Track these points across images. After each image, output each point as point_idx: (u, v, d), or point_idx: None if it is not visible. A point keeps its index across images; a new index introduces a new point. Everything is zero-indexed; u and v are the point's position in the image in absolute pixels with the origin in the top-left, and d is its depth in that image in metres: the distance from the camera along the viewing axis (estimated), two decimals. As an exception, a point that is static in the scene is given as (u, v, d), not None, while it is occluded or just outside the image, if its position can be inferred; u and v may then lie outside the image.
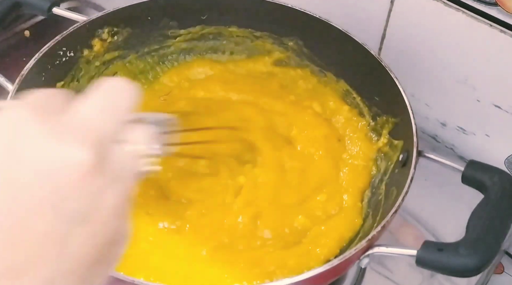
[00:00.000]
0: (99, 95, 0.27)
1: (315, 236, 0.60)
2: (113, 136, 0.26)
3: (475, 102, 0.68)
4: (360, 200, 0.64)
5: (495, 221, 0.51)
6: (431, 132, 0.76)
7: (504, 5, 0.59)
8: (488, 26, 0.61)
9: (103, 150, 0.25)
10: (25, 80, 0.60)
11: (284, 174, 0.65)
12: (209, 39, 0.75)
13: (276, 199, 0.63)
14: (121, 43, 0.71)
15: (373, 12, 0.71)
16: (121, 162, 0.26)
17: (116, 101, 0.27)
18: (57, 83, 0.65)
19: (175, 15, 0.72)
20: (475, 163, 0.56)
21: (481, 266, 0.48)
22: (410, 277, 0.63)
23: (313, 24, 0.68)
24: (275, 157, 0.66)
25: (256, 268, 0.57)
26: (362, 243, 0.50)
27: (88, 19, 0.67)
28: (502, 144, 0.69)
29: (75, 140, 0.24)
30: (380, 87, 0.65)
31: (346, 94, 0.71)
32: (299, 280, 0.47)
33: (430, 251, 0.49)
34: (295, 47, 0.73)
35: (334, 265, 0.49)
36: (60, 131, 0.24)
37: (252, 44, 0.75)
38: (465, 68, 0.67)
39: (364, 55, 0.65)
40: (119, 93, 0.28)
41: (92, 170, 0.24)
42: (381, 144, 0.66)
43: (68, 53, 0.66)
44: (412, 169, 0.55)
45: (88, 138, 0.25)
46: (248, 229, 0.60)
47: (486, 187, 0.54)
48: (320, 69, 0.72)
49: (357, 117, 0.69)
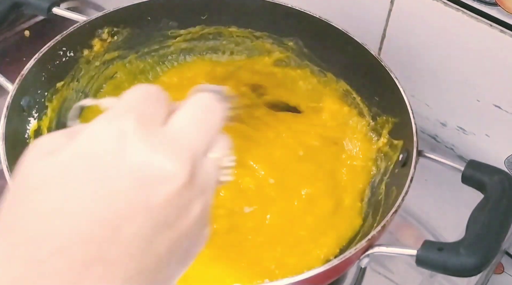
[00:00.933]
0: (194, 109, 0.29)
1: (315, 236, 0.60)
2: (206, 150, 0.28)
3: (475, 102, 0.68)
4: (360, 200, 0.64)
5: (495, 221, 0.51)
6: (431, 132, 0.76)
7: (504, 5, 0.59)
8: (488, 26, 0.61)
9: (196, 164, 0.27)
10: (25, 80, 0.60)
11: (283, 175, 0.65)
12: (209, 39, 0.75)
13: (279, 199, 0.63)
14: (121, 43, 0.71)
15: (373, 12, 0.71)
16: (208, 173, 0.28)
17: (210, 118, 0.29)
18: (57, 83, 0.65)
19: (175, 15, 0.72)
20: (475, 162, 0.56)
21: (481, 266, 0.48)
22: (410, 277, 0.63)
23: (313, 24, 0.68)
24: (274, 159, 0.66)
25: (256, 267, 0.57)
26: (362, 242, 0.50)
27: (88, 19, 0.67)
28: (502, 144, 0.69)
29: (173, 154, 0.26)
30: (380, 87, 0.65)
31: (346, 94, 0.71)
32: (299, 280, 0.47)
33: (430, 251, 0.49)
34: (295, 47, 0.73)
35: (334, 265, 0.49)
36: (160, 143, 0.26)
37: (252, 44, 0.75)
38: (465, 68, 0.67)
39: (364, 55, 0.65)
40: (212, 109, 0.29)
41: (184, 184, 0.26)
42: (381, 144, 0.66)
43: (68, 53, 0.66)
44: (412, 168, 0.55)
45: (185, 153, 0.26)
46: (251, 226, 0.60)
47: (486, 187, 0.54)
48: (320, 69, 0.72)
49: (357, 118, 0.70)
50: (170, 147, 0.26)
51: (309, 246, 0.59)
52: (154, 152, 0.26)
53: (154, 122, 0.27)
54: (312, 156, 0.67)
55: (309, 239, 0.60)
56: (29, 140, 0.61)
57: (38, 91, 0.63)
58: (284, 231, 0.61)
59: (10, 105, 0.58)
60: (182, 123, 0.28)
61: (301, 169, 0.66)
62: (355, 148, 0.68)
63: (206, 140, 0.28)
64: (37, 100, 0.63)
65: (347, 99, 0.71)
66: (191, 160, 0.26)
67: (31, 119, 0.62)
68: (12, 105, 0.58)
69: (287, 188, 0.65)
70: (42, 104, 0.64)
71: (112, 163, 0.25)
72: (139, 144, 0.26)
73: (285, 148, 0.68)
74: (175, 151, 0.26)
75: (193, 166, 0.26)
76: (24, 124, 0.61)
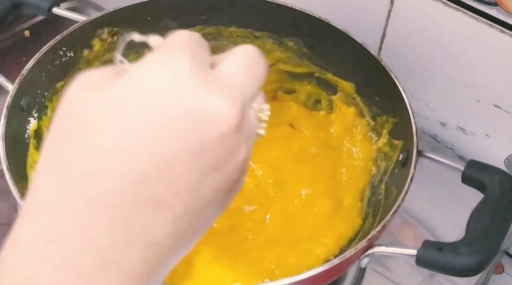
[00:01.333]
0: (242, 58, 0.29)
1: (315, 236, 0.60)
2: (253, 98, 0.28)
3: (475, 102, 0.68)
4: (359, 199, 0.64)
5: (495, 221, 0.50)
6: (431, 132, 0.76)
7: (504, 5, 0.59)
8: (488, 26, 0.61)
9: (245, 109, 0.27)
10: (25, 80, 0.60)
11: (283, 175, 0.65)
12: (209, 39, 0.75)
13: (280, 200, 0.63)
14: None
15: (373, 12, 0.71)
16: (252, 122, 0.28)
17: (256, 68, 0.29)
18: (57, 83, 0.65)
19: (175, 15, 0.72)
20: (475, 162, 0.56)
21: (481, 266, 0.48)
22: (410, 277, 0.63)
23: (313, 24, 0.68)
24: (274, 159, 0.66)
25: (256, 267, 0.57)
26: (362, 242, 0.50)
27: (88, 19, 0.67)
28: (502, 144, 0.69)
29: (225, 96, 0.26)
30: (380, 87, 0.65)
31: (346, 94, 0.71)
32: (299, 280, 0.47)
33: (430, 251, 0.49)
34: (295, 47, 0.73)
35: (334, 265, 0.49)
36: (213, 85, 0.26)
37: (252, 44, 0.75)
38: (465, 68, 0.67)
39: (364, 55, 0.65)
40: (258, 61, 0.30)
41: (235, 127, 0.26)
42: (381, 144, 0.66)
43: (68, 53, 0.66)
44: (412, 168, 0.55)
45: (236, 97, 0.26)
46: (251, 226, 0.60)
47: (486, 187, 0.54)
48: (320, 69, 0.72)
49: (357, 117, 0.70)
50: (223, 90, 0.26)
51: (309, 246, 0.59)
52: (209, 92, 0.25)
53: (206, 64, 0.27)
54: (312, 155, 0.67)
55: (309, 239, 0.60)
56: (29, 140, 0.61)
57: (38, 91, 0.63)
58: (284, 231, 0.61)
59: (10, 105, 0.58)
60: (232, 70, 0.28)
61: (301, 168, 0.66)
62: (355, 148, 0.68)
63: (253, 90, 0.28)
64: (37, 100, 0.63)
65: (347, 99, 0.71)
66: (241, 104, 0.26)
67: (31, 119, 0.62)
68: (12, 105, 0.58)
69: (287, 188, 0.65)
70: (42, 104, 0.63)
71: (168, 101, 0.25)
72: (195, 83, 0.25)
73: (284, 148, 0.68)
74: (229, 93, 0.26)
75: (242, 110, 0.26)
76: (24, 124, 0.61)
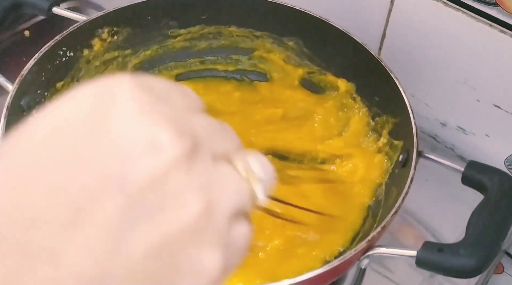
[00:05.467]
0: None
1: (314, 237, 0.60)
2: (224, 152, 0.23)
3: (475, 102, 0.68)
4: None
5: (495, 222, 0.50)
6: (431, 132, 0.76)
7: (504, 5, 0.59)
8: (488, 26, 0.61)
9: (204, 151, 0.21)
10: (25, 80, 0.60)
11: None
12: (209, 38, 0.75)
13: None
14: (121, 43, 0.71)
15: (373, 12, 0.71)
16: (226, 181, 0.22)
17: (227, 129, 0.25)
18: (57, 83, 0.65)
19: (175, 15, 0.72)
20: (475, 163, 0.56)
21: (481, 267, 0.48)
22: (410, 278, 0.63)
23: (313, 24, 0.68)
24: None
25: (256, 267, 0.57)
26: (362, 243, 0.50)
27: (88, 19, 0.67)
28: (502, 144, 0.69)
29: (171, 128, 0.20)
30: (380, 87, 0.65)
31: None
32: (299, 281, 0.47)
33: (430, 252, 0.49)
34: (295, 47, 0.73)
35: (334, 266, 0.49)
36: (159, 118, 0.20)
37: (252, 44, 0.75)
38: (465, 68, 0.67)
39: (364, 55, 0.65)
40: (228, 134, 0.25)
41: (179, 161, 0.20)
42: (381, 144, 0.66)
43: (68, 53, 0.66)
44: (412, 169, 0.55)
45: (188, 132, 0.21)
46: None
47: (486, 188, 0.54)
48: (320, 69, 0.72)
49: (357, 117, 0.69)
50: (172, 123, 0.20)
51: (309, 247, 0.59)
52: (148, 122, 0.20)
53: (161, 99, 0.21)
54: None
55: (309, 240, 0.60)
56: (29, 140, 0.61)
57: (38, 91, 0.63)
58: (284, 231, 0.61)
59: (10, 105, 0.58)
60: (201, 120, 0.23)
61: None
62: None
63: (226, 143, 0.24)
64: (37, 100, 0.63)
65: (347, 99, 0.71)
66: (193, 139, 0.21)
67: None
68: (12, 105, 0.58)
69: (286, 188, 0.64)
70: (42, 105, 0.63)
71: (89, 131, 0.20)
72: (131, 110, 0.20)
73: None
74: (177, 128, 0.20)
75: (195, 146, 0.21)
76: (24, 124, 0.61)
